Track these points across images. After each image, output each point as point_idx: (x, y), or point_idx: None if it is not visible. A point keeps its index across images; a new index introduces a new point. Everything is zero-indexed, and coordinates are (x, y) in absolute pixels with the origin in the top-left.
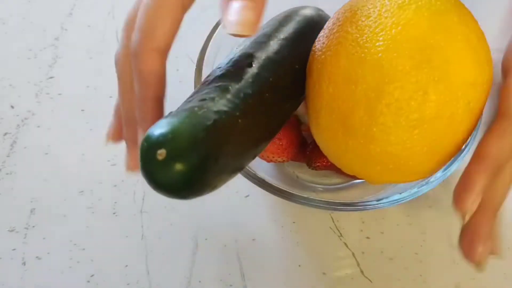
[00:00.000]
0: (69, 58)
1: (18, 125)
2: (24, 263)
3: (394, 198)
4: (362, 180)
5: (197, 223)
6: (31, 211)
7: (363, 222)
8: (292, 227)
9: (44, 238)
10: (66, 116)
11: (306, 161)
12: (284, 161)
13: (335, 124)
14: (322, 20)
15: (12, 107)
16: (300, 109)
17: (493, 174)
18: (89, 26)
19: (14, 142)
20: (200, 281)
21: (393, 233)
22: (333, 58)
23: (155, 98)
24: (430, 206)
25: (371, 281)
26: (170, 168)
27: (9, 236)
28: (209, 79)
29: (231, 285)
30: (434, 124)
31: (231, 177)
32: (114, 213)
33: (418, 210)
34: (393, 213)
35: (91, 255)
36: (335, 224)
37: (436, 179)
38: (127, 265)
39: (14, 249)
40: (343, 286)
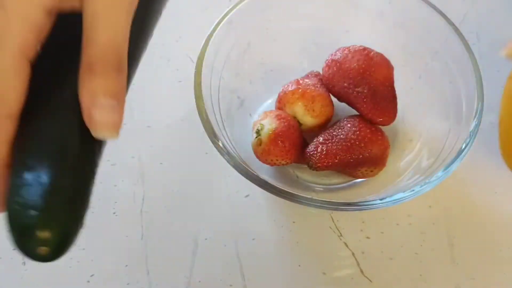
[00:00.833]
0: None
1: None
2: (24, 263)
3: (395, 198)
4: (362, 179)
5: (197, 223)
6: None
7: (363, 222)
8: (292, 227)
9: None
10: None
11: (307, 162)
12: (287, 163)
13: None
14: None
15: None
16: (298, 109)
17: None
18: None
19: None
20: (200, 281)
21: (393, 233)
22: None
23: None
24: (430, 206)
25: (371, 281)
26: (50, 255)
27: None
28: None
29: (231, 285)
30: None
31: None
32: (114, 213)
33: (418, 210)
34: (393, 213)
35: (91, 255)
36: (335, 224)
37: (436, 179)
38: (127, 265)
39: (14, 249)
40: (343, 286)
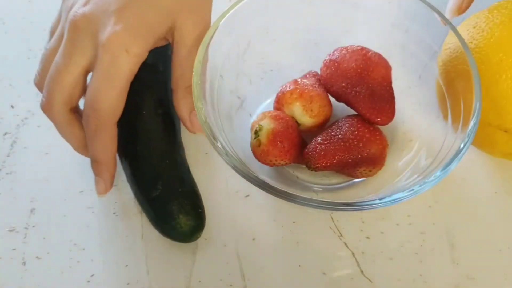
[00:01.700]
0: None
1: (18, 125)
2: (24, 263)
3: (394, 198)
4: (361, 179)
5: None
6: (31, 211)
7: (363, 222)
8: (292, 227)
9: (44, 238)
10: None
11: (306, 163)
12: (287, 163)
13: None
14: None
15: (12, 107)
16: (296, 109)
17: None
18: None
19: (14, 142)
20: (200, 281)
21: (393, 233)
22: None
23: (110, 158)
24: (430, 206)
25: (371, 281)
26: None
27: (9, 236)
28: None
29: (231, 285)
30: None
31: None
32: (114, 213)
33: (418, 210)
34: (393, 213)
35: (91, 255)
36: (335, 224)
37: (435, 178)
38: (127, 265)
39: (14, 249)
40: (343, 286)
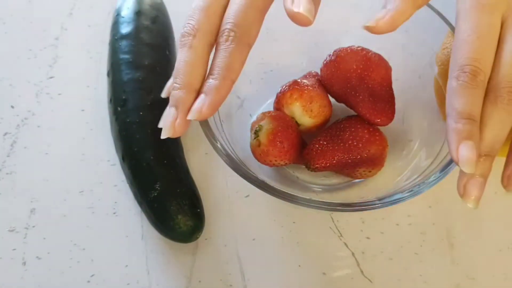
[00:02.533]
0: (69, 58)
1: (18, 125)
2: (24, 263)
3: (393, 198)
4: (361, 179)
5: None
6: (31, 211)
7: (363, 222)
8: (292, 227)
9: (44, 238)
10: (66, 116)
11: (305, 163)
12: (286, 164)
13: None
14: None
15: (12, 107)
16: (296, 110)
17: None
18: (89, 26)
19: (14, 142)
20: (200, 281)
21: (393, 233)
22: None
23: (232, 82)
24: (430, 206)
25: (371, 281)
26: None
27: (9, 236)
28: None
29: (231, 285)
30: None
31: None
32: (114, 213)
33: (418, 210)
34: (393, 213)
35: (91, 255)
36: (335, 224)
37: (434, 179)
38: (127, 265)
39: (14, 249)
40: (343, 286)
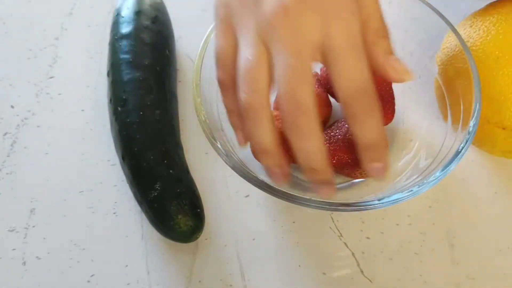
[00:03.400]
0: (69, 58)
1: (18, 125)
2: (24, 263)
3: (393, 198)
4: (361, 179)
5: None
6: (31, 211)
7: (363, 222)
8: (292, 227)
9: (44, 238)
10: (66, 116)
11: None
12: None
13: None
14: None
15: (12, 107)
16: None
17: None
18: (89, 26)
19: (14, 142)
20: (200, 281)
21: (393, 233)
22: None
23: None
24: (430, 206)
25: (371, 281)
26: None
27: (9, 236)
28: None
29: (231, 285)
30: None
31: None
32: (114, 213)
33: (418, 210)
34: (393, 213)
35: (91, 255)
36: (335, 224)
37: (434, 179)
38: (127, 265)
39: (14, 249)
40: (343, 286)
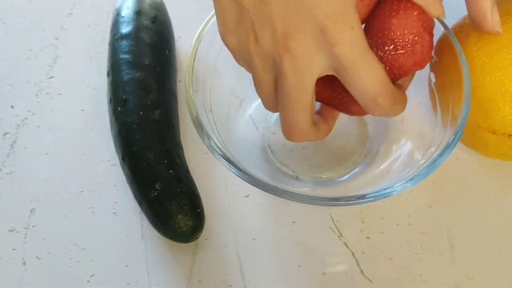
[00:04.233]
0: (69, 58)
1: (18, 125)
2: (24, 263)
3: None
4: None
5: None
6: (31, 211)
7: (363, 222)
8: (292, 227)
9: (44, 238)
10: (66, 116)
11: None
12: None
13: None
14: None
15: (12, 107)
16: None
17: None
18: (89, 26)
19: (14, 142)
20: (200, 281)
21: (393, 233)
22: None
23: None
24: (430, 206)
25: (371, 281)
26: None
27: (9, 236)
28: None
29: (231, 285)
30: None
31: None
32: (114, 213)
33: (418, 210)
34: (393, 213)
35: (91, 255)
36: (335, 224)
37: (426, 172)
38: (127, 265)
39: (14, 249)
40: (343, 286)
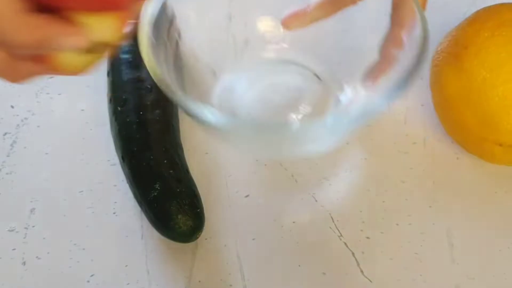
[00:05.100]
0: None
1: (18, 125)
2: (24, 263)
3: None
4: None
5: None
6: (31, 211)
7: (363, 222)
8: (292, 227)
9: (44, 238)
10: (66, 116)
11: None
12: None
13: None
14: None
15: (12, 107)
16: None
17: None
18: None
19: (14, 142)
20: (200, 281)
21: (393, 233)
22: None
23: None
24: (430, 206)
25: (371, 281)
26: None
27: (9, 236)
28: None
29: (231, 285)
30: None
31: None
32: (114, 213)
33: (418, 210)
34: (393, 213)
35: (91, 255)
36: (335, 224)
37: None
38: (127, 265)
39: (14, 249)
40: (343, 286)
